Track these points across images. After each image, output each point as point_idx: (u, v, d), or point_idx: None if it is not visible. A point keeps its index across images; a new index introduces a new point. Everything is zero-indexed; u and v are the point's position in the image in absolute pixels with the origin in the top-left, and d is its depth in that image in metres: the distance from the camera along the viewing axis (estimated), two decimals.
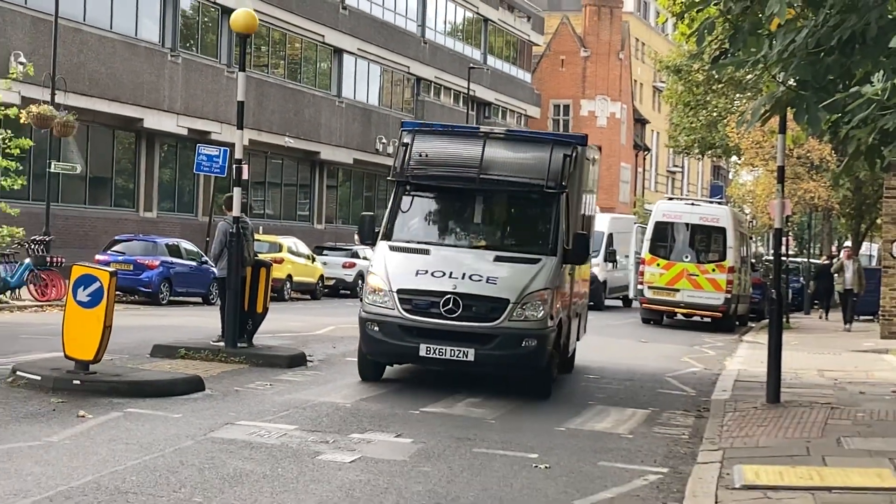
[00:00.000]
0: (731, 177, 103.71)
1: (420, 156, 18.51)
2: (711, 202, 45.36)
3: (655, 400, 18.80)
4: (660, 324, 38.08)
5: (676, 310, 37.86)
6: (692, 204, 41.03)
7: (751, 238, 51.59)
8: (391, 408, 15.78)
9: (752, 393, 18.53)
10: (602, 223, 43.88)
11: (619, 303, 51.36)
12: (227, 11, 46.25)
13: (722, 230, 37.51)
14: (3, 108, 30.50)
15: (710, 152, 64.32)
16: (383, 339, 17.22)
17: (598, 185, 79.97)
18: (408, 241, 18.15)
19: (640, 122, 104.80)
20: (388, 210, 18.82)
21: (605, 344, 28.14)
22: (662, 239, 37.84)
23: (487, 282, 17.22)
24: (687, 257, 37.40)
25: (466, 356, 16.80)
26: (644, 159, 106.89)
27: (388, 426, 14.29)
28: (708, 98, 52.45)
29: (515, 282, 17.23)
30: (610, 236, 46.29)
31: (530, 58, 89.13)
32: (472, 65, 70.70)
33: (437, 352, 16.85)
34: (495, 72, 79.80)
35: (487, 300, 17.04)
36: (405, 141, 18.81)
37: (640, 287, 38.31)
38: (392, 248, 17.96)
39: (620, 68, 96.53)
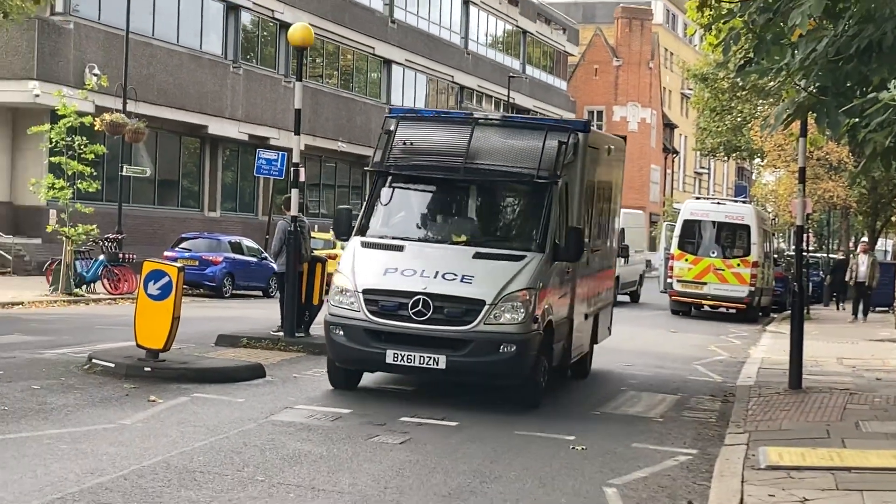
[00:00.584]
0: (754, 177, 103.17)
1: (404, 144, 15.85)
2: (736, 201, 45.14)
3: (684, 386, 18.75)
4: (688, 315, 37.93)
5: (704, 302, 37.67)
6: (718, 203, 40.88)
7: (773, 234, 51.31)
8: (437, 393, 15.69)
9: (775, 379, 18.46)
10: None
11: (627, 298, 44.37)
12: (285, 26, 46.34)
13: (746, 227, 37.34)
14: (79, 116, 30.68)
15: (734, 154, 63.92)
16: (347, 344, 14.53)
17: (629, 185, 77.19)
18: (382, 237, 15.50)
19: (669, 126, 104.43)
20: (364, 203, 16.29)
21: (636, 334, 28.08)
22: (690, 236, 37.71)
23: (462, 281, 14.40)
24: (713, 253, 37.25)
25: (437, 364, 14.10)
26: (673, 161, 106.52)
27: (434, 410, 14.26)
28: (733, 104, 52.11)
29: (493, 281, 14.40)
30: (622, 231, 40.18)
31: (566, 67, 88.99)
32: (511, 74, 70.66)
33: (404, 358, 14.18)
34: (533, 80, 79.69)
35: (460, 301, 14.23)
36: (389, 128, 16.13)
37: (669, 280, 38.17)
38: (364, 245, 15.34)
39: (650, 76, 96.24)
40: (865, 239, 55.52)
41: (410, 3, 62.76)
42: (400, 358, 14.18)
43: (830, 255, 59.83)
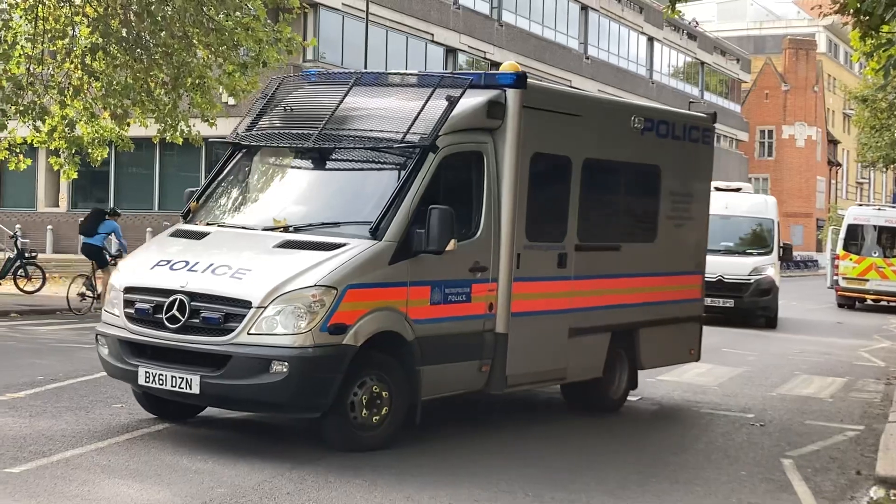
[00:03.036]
0: None
1: (284, 110, 10.78)
2: (895, 207, 43.68)
3: (851, 370, 18.23)
4: (853, 308, 36.86)
5: (866, 296, 36.68)
6: (878, 209, 39.67)
7: None
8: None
9: None
10: (769, 208, 26.79)
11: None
12: (495, 64, 46.74)
13: None
14: None
15: (893, 166, 61.92)
16: (107, 359, 9.83)
17: (797, 194, 73.97)
18: (197, 223, 10.57)
19: (833, 142, 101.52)
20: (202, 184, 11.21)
21: (806, 325, 27.41)
22: (854, 238, 36.77)
23: (233, 276, 9.29)
24: (875, 253, 36.22)
25: (190, 386, 9.10)
26: (836, 173, 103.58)
27: (633, 392, 14.15)
28: (891, 122, 50.43)
29: (272, 275, 9.23)
30: (778, 225, 26.28)
31: (739, 92, 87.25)
32: (691, 100, 69.55)
33: (157, 379, 9.27)
34: (711, 104, 78.19)
35: (222, 302, 9.15)
36: (266, 93, 11.16)
37: (835, 278, 37.27)
38: (173, 233, 10.55)
39: (815, 99, 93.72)
40: None
41: (602, 41, 62.51)
42: (152, 378, 9.33)
43: None
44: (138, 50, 22.78)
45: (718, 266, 22.65)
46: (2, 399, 11.12)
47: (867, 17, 12.81)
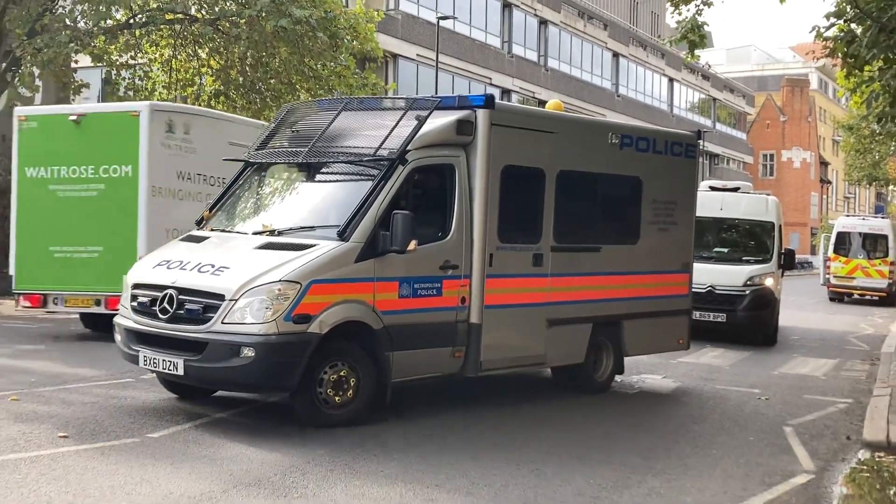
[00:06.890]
0: (890, 199, 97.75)
1: (291, 132, 10.40)
2: (877, 217, 42.93)
3: (841, 353, 17.93)
4: (842, 302, 36.26)
5: (853, 291, 36.07)
6: (863, 219, 39.14)
7: None
8: (659, 358, 14.82)
9: None
10: (769, 209, 19.67)
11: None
12: (542, 102, 46.59)
13: (885, 236, 35.72)
14: None
15: (875, 183, 60.91)
16: (120, 345, 9.56)
17: (794, 206, 73.09)
18: (204, 229, 10.27)
19: (824, 164, 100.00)
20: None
21: (803, 316, 26.99)
22: (843, 243, 36.23)
23: (213, 273, 8.96)
24: (860, 255, 35.67)
25: (176, 368, 8.85)
26: (827, 189, 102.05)
27: (656, 370, 14.04)
28: (873, 146, 49.55)
29: (245, 272, 8.80)
30: (780, 228, 19.54)
31: (745, 123, 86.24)
32: (704, 129, 68.87)
33: (152, 362, 9.06)
34: (721, 133, 77.49)
35: (202, 296, 8.81)
36: (276, 117, 10.95)
37: (827, 276, 36.71)
38: (182, 238, 10.25)
39: (809, 127, 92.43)
40: None
41: (630, 82, 62.07)
42: (148, 361, 9.10)
43: None
44: (252, 94, 23.09)
45: (709, 275, 17.45)
46: (146, 378, 11.28)
47: (853, 59, 12.65)
